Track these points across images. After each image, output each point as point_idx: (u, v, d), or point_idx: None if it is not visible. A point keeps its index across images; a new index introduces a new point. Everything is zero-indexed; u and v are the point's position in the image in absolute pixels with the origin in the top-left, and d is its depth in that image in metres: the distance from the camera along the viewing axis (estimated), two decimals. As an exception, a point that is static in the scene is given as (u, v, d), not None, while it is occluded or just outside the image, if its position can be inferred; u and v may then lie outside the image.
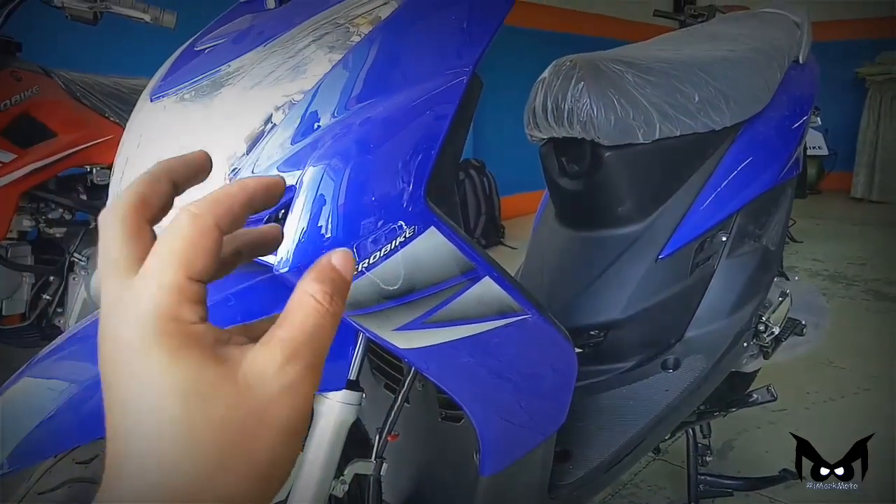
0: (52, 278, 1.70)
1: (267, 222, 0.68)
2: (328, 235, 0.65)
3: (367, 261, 0.67)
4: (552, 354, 0.91)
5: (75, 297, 1.69)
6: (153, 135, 0.71)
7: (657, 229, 1.28)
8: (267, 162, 0.66)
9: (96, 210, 1.72)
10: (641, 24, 6.01)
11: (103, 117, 1.67)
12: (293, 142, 0.67)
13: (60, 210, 1.68)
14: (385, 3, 0.70)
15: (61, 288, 1.69)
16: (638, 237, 1.28)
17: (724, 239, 1.32)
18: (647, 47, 1.40)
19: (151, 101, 0.72)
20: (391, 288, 0.70)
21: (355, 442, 0.88)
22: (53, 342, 0.71)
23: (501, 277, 0.79)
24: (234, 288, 0.75)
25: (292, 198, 0.65)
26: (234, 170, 0.67)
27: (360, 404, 0.83)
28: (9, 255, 1.65)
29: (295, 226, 0.64)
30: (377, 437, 0.88)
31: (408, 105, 0.69)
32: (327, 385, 0.79)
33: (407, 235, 0.69)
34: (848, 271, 3.62)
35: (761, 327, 1.36)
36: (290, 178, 0.65)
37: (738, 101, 1.30)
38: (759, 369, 1.66)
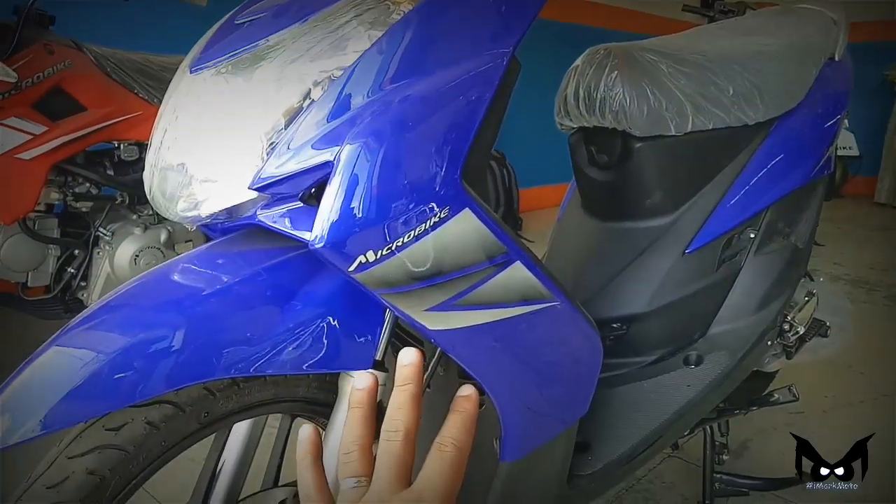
0: (76, 252, 1.72)
1: (303, 197, 0.68)
2: (363, 214, 0.65)
3: (399, 240, 0.67)
4: (578, 343, 0.90)
5: (99, 272, 1.71)
6: (192, 106, 0.71)
7: (685, 223, 1.27)
8: (305, 137, 0.66)
9: (123, 185, 1.73)
10: (669, 19, 5.96)
11: (132, 93, 1.68)
12: (331, 118, 0.66)
13: (87, 184, 1.70)
14: None
15: (86, 262, 1.71)
16: (665, 230, 1.27)
17: (752, 235, 1.31)
18: (681, 39, 1.38)
19: (191, 72, 0.72)
20: (421, 269, 0.69)
21: (376, 422, 0.88)
22: (83, 312, 0.71)
23: (532, 263, 0.79)
24: (266, 263, 0.75)
25: (329, 173, 0.65)
26: (272, 144, 0.67)
27: (385, 385, 0.83)
28: (35, 227, 1.67)
29: (331, 202, 0.64)
30: (399, 418, 0.88)
31: (446, 85, 0.68)
32: (353, 364, 0.79)
33: (441, 216, 0.69)
34: (870, 277, 3.57)
35: (786, 326, 1.35)
36: (327, 155, 0.65)
37: (773, 96, 1.28)
38: (778, 370, 1.64)
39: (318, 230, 0.65)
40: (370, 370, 0.80)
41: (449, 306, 0.73)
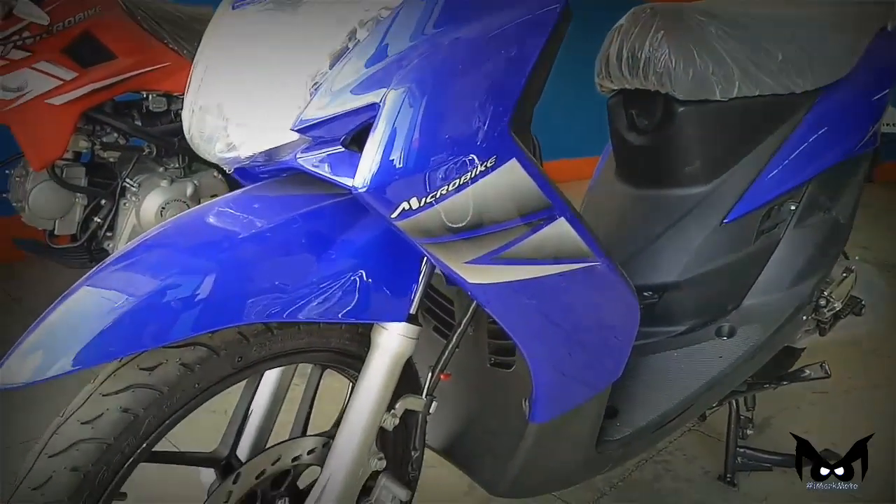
0: (103, 202, 1.72)
1: (350, 138, 0.66)
2: (408, 159, 0.63)
3: (444, 188, 0.65)
4: (616, 306, 0.89)
5: (125, 222, 1.71)
6: (234, 43, 0.69)
7: (724, 192, 1.24)
8: (349, 79, 0.64)
9: (151, 136, 1.72)
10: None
11: (163, 43, 1.66)
12: (378, 59, 0.64)
13: (115, 134, 1.69)
14: None
15: (112, 212, 1.71)
16: (703, 199, 1.24)
17: (792, 208, 1.27)
18: (731, 1, 1.33)
19: (233, 8, 0.70)
20: (464, 220, 0.68)
21: (406, 378, 0.87)
22: (115, 252, 0.70)
23: (576, 220, 0.77)
24: (303, 209, 0.74)
25: (375, 115, 0.63)
26: (315, 85, 0.65)
27: (417, 339, 0.81)
28: (63, 174, 1.67)
29: (376, 146, 0.63)
30: (429, 374, 0.87)
31: (498, 30, 0.66)
32: (387, 316, 0.78)
33: (487, 166, 0.67)
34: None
35: (822, 302, 1.32)
36: (373, 97, 0.63)
37: (822, 64, 1.24)
38: (805, 347, 1.61)
39: (362, 175, 0.63)
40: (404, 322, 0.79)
41: (490, 260, 0.72)
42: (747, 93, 1.17)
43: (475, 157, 0.66)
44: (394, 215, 0.65)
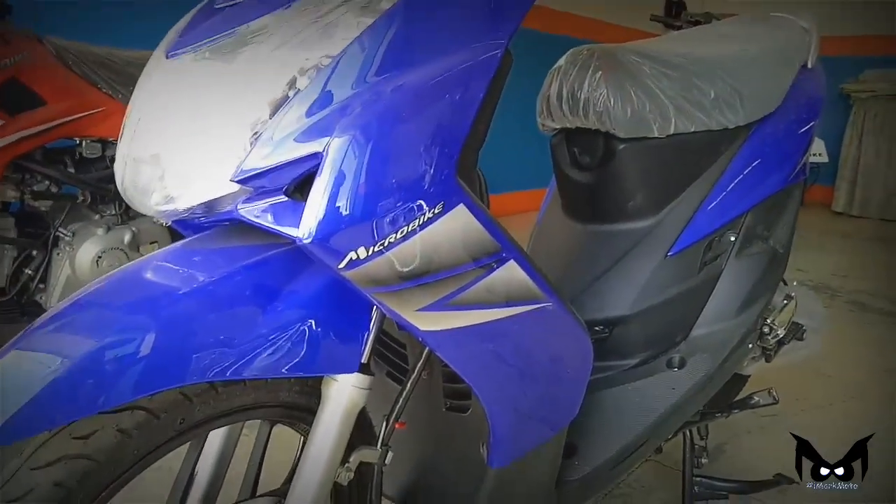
0: (34, 252, 1.64)
1: (293, 188, 0.64)
2: (353, 208, 0.62)
3: (391, 236, 0.64)
4: (570, 345, 0.88)
5: (59, 273, 1.63)
6: (168, 93, 0.67)
7: (667, 226, 1.26)
8: (291, 128, 0.63)
9: (85, 184, 1.66)
10: (635, 29, 6.03)
11: (95, 88, 1.61)
12: (319, 107, 0.63)
13: (47, 182, 1.62)
14: None
15: (45, 263, 1.63)
16: (647, 233, 1.26)
17: (732, 239, 1.31)
18: (661, 42, 1.38)
19: (168, 57, 0.68)
20: (413, 267, 0.66)
21: (359, 429, 0.85)
22: (45, 314, 0.66)
23: (526, 262, 0.76)
24: (245, 261, 0.71)
25: (318, 165, 0.62)
26: (255, 134, 0.63)
27: (370, 389, 0.79)
28: (-10, 226, 1.59)
29: (320, 196, 0.61)
30: (383, 424, 0.84)
31: (440, 76, 0.66)
32: (338, 367, 0.75)
33: (435, 212, 0.66)
34: (832, 283, 3.65)
35: (766, 329, 1.35)
36: (317, 145, 0.62)
37: (752, 100, 1.29)
38: (750, 375, 1.65)
39: (306, 225, 0.61)
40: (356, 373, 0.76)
41: (441, 306, 0.70)
42: (683, 129, 1.21)
43: (423, 204, 0.65)
44: (341, 265, 0.63)
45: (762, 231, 1.36)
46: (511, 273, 0.75)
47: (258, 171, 0.63)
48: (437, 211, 0.66)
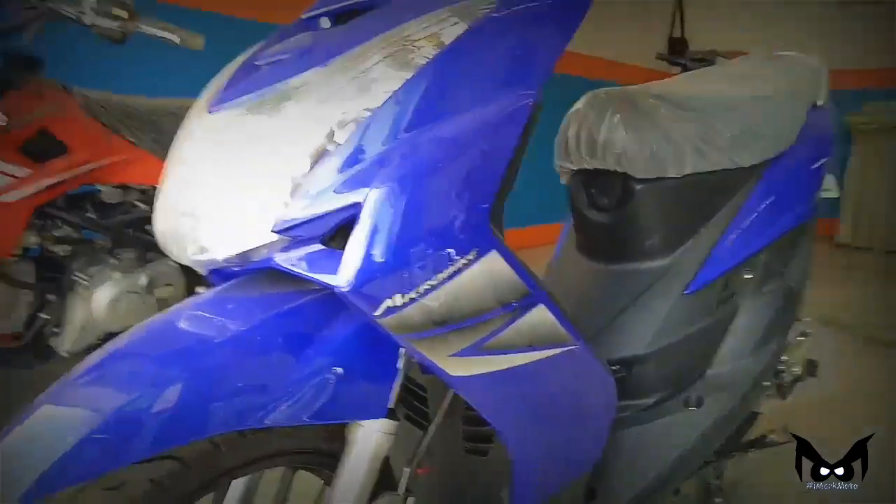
0: (51, 297, 1.65)
1: (324, 239, 0.65)
2: (391, 257, 0.63)
3: (427, 284, 0.65)
4: (595, 388, 0.89)
5: (74, 318, 1.64)
6: (211, 146, 0.69)
7: (684, 264, 1.27)
8: (331, 179, 0.64)
9: (104, 229, 1.68)
10: (640, 67, 6.13)
11: (118, 136, 1.65)
12: (358, 159, 0.65)
13: (68, 228, 1.64)
14: (454, 24, 0.69)
15: (61, 308, 1.64)
16: (664, 272, 1.27)
17: (749, 277, 1.31)
18: (676, 83, 1.40)
19: (210, 112, 0.70)
20: (448, 313, 0.67)
21: (381, 474, 0.84)
22: (75, 368, 0.67)
23: (554, 305, 0.77)
24: (277, 309, 0.72)
25: (357, 214, 0.63)
26: (296, 186, 0.65)
27: (395, 434, 0.79)
28: (10, 271, 1.60)
29: (359, 245, 0.62)
30: (406, 469, 0.84)
31: (474, 127, 0.67)
32: (367, 413, 0.76)
33: (469, 259, 0.67)
34: (837, 316, 3.64)
35: (782, 367, 1.35)
36: (356, 196, 0.63)
37: (766, 139, 1.31)
38: (761, 412, 1.63)
39: (345, 274, 0.62)
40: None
41: (472, 351, 0.71)
42: (699, 169, 1.22)
43: (457, 251, 0.66)
44: (378, 313, 0.64)
45: (778, 268, 1.36)
46: (540, 316, 0.76)
47: (298, 221, 0.64)
48: (470, 258, 0.67)
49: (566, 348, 0.80)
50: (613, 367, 1.26)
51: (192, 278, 1.81)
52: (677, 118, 1.20)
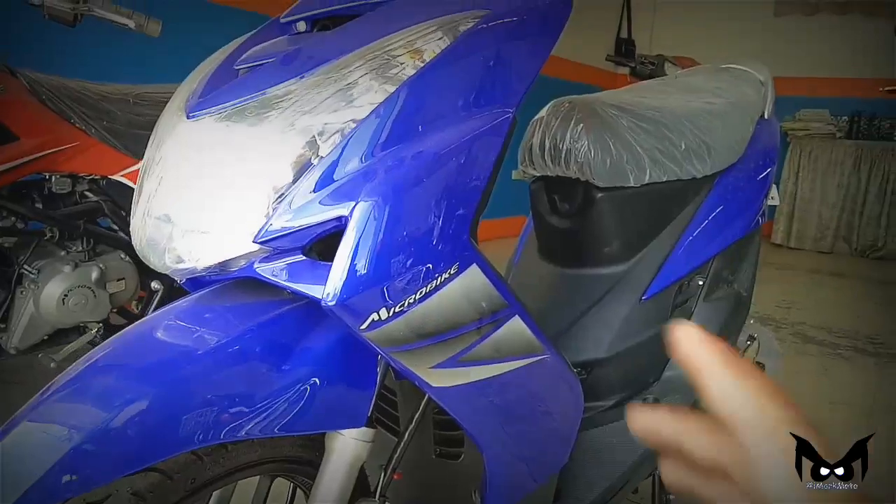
0: (-5, 291, 1.58)
1: (306, 250, 0.66)
2: (376, 271, 0.64)
3: (411, 297, 0.66)
4: (564, 393, 0.91)
5: (21, 312, 1.57)
6: (191, 153, 0.68)
7: (641, 271, 1.31)
8: (315, 191, 0.65)
9: (52, 220, 1.61)
10: (591, 67, 6.24)
11: (68, 122, 1.58)
12: (343, 172, 0.65)
13: (13, 218, 1.57)
14: (438, 39, 0.69)
15: (7, 302, 1.57)
16: (622, 277, 1.31)
17: (700, 283, 1.37)
18: (632, 94, 1.44)
19: (189, 118, 0.69)
20: (431, 326, 0.69)
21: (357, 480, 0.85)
22: (52, 382, 0.66)
23: (528, 317, 0.79)
24: (257, 319, 0.72)
25: (336, 227, 0.64)
26: (279, 197, 0.65)
27: (373, 441, 0.80)
28: (-50, 264, 1.53)
29: (345, 259, 0.63)
30: (381, 474, 0.85)
31: (458, 141, 0.69)
32: (347, 422, 0.76)
33: (451, 273, 0.68)
34: (776, 314, 3.81)
35: (732, 370, 1.41)
36: (341, 209, 0.64)
37: (719, 151, 1.36)
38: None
39: (331, 287, 0.63)
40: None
41: (453, 363, 0.72)
42: (657, 179, 1.26)
43: (441, 265, 0.67)
44: (363, 327, 0.65)
45: (727, 275, 1.42)
46: (515, 328, 0.78)
47: (282, 232, 0.64)
48: (452, 271, 0.68)
49: (538, 357, 0.82)
50: (575, 370, 1.30)
51: (144, 273, 1.76)
52: (638, 129, 1.24)
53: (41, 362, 1.57)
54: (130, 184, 1.65)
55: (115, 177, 1.65)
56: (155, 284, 1.76)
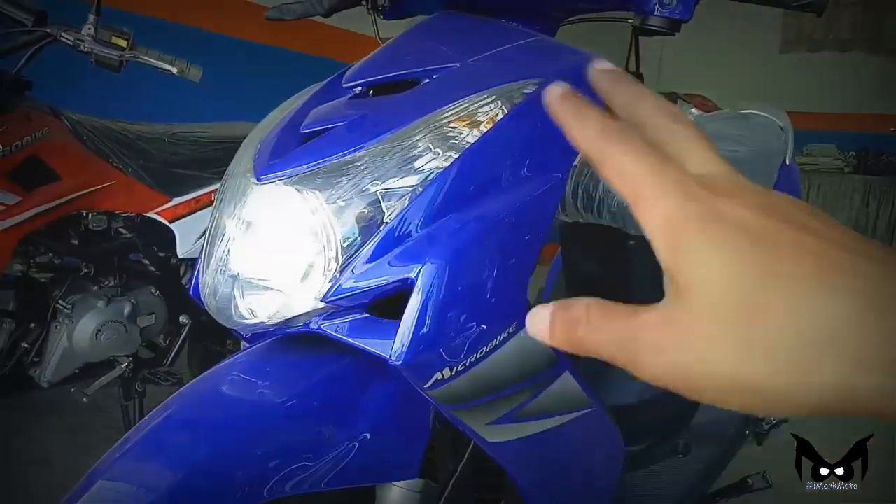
0: (32, 325, 1.60)
1: (368, 308, 0.68)
2: (441, 331, 0.66)
3: (473, 356, 0.68)
4: (608, 445, 0.93)
5: (55, 347, 1.60)
6: (264, 216, 0.70)
7: (671, 317, 1.33)
8: (382, 253, 0.67)
9: (87, 256, 1.64)
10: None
11: (107, 162, 1.62)
12: (408, 235, 0.68)
13: (50, 254, 1.60)
14: (496, 108, 0.72)
15: (42, 336, 1.59)
16: (653, 323, 1.32)
17: (729, 329, 1.38)
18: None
19: (259, 181, 0.71)
20: (491, 383, 0.71)
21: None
22: (124, 437, 0.68)
23: (576, 372, 0.81)
24: (318, 374, 0.74)
25: (408, 288, 0.66)
26: (348, 258, 0.67)
27: (422, 492, 0.82)
28: (-12, 299, 1.55)
29: (412, 319, 0.65)
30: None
31: (516, 204, 0.71)
32: (401, 475, 0.78)
33: (511, 331, 0.71)
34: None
35: (761, 415, 1.42)
36: (407, 272, 0.66)
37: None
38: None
39: (398, 346, 0.65)
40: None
41: (509, 419, 0.74)
42: (688, 227, 1.29)
43: (501, 324, 0.69)
44: (427, 385, 0.67)
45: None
46: (566, 383, 0.80)
47: (351, 292, 0.67)
48: (511, 331, 0.71)
49: (586, 411, 0.84)
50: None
51: (173, 308, 1.78)
52: (671, 179, 1.26)
53: (73, 396, 1.59)
54: (164, 221, 1.68)
55: (150, 214, 1.68)
56: (183, 319, 1.78)
